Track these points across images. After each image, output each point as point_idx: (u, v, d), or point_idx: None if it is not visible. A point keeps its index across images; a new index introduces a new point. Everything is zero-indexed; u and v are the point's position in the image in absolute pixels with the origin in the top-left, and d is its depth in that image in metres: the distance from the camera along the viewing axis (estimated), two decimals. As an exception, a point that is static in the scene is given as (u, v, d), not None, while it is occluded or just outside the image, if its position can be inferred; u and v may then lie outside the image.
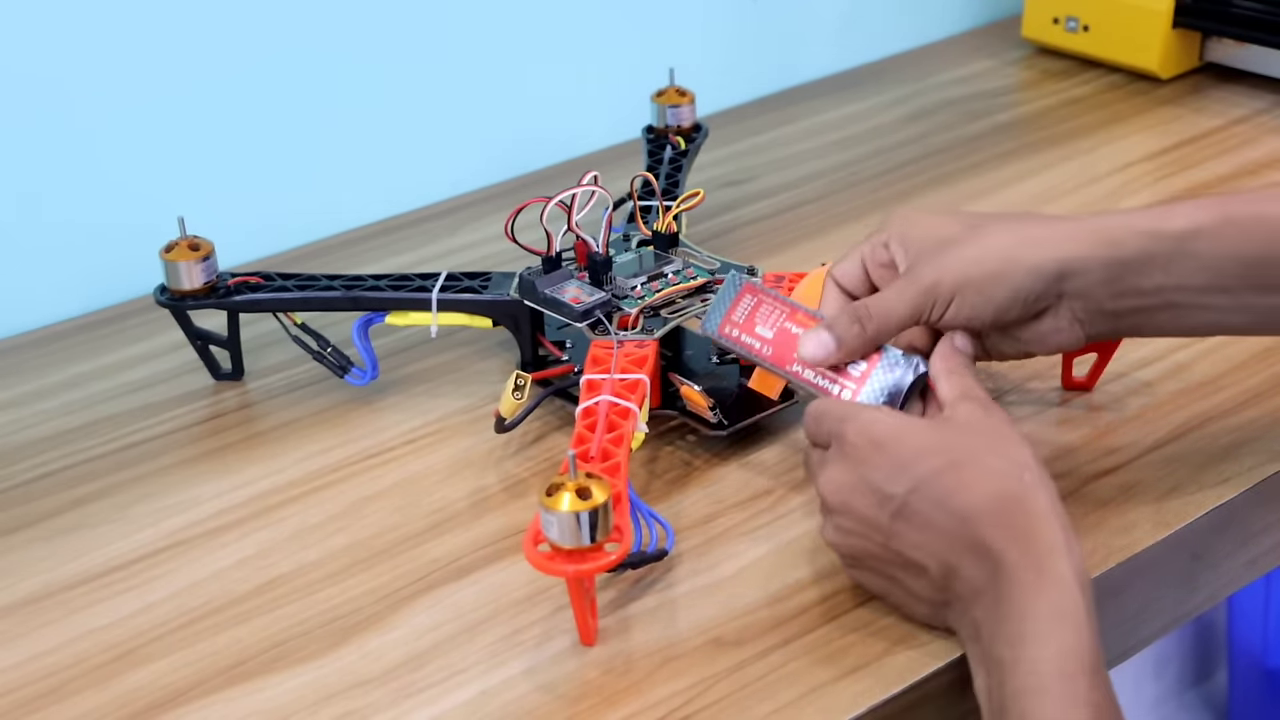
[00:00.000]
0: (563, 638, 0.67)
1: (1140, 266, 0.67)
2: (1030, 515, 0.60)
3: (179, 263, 0.84)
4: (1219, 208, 0.67)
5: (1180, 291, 0.68)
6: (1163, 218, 0.68)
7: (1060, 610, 0.58)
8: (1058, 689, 0.56)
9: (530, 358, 0.85)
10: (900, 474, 0.62)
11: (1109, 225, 0.68)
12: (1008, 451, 0.63)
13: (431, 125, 1.12)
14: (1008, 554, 0.60)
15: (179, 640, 0.69)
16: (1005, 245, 0.68)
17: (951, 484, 0.62)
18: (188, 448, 0.84)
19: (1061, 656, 0.57)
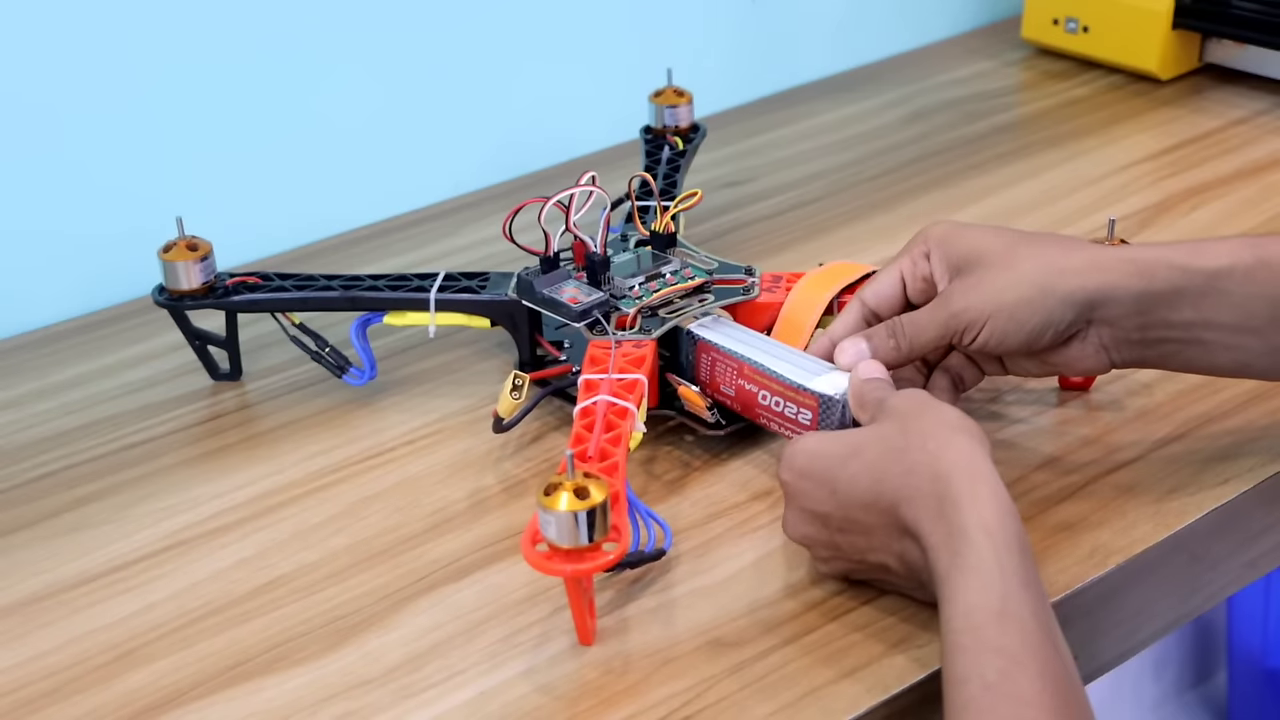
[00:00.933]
0: (562, 638, 0.67)
1: (1171, 300, 0.68)
2: (936, 480, 0.61)
3: (177, 263, 0.84)
4: (1254, 248, 0.68)
5: (1209, 328, 0.69)
6: (1197, 254, 0.68)
7: (964, 565, 0.59)
8: (966, 641, 0.57)
9: (528, 358, 0.85)
10: (824, 494, 0.66)
11: (1142, 257, 0.69)
12: (913, 426, 0.64)
13: (429, 126, 1.12)
14: (923, 527, 0.61)
15: (179, 640, 0.69)
16: (1038, 272, 0.69)
17: (866, 484, 0.64)
18: (187, 448, 0.84)
19: (967, 610, 0.58)
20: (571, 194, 0.81)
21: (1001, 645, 0.57)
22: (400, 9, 1.08)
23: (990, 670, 0.56)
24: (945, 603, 0.59)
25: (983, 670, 0.56)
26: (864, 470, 0.64)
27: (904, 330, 0.73)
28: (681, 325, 0.79)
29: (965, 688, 0.56)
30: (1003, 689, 0.56)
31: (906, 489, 0.62)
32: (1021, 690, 0.55)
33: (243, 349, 0.89)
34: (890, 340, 0.73)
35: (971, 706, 0.56)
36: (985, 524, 0.60)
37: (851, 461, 0.65)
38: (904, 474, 0.63)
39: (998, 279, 0.70)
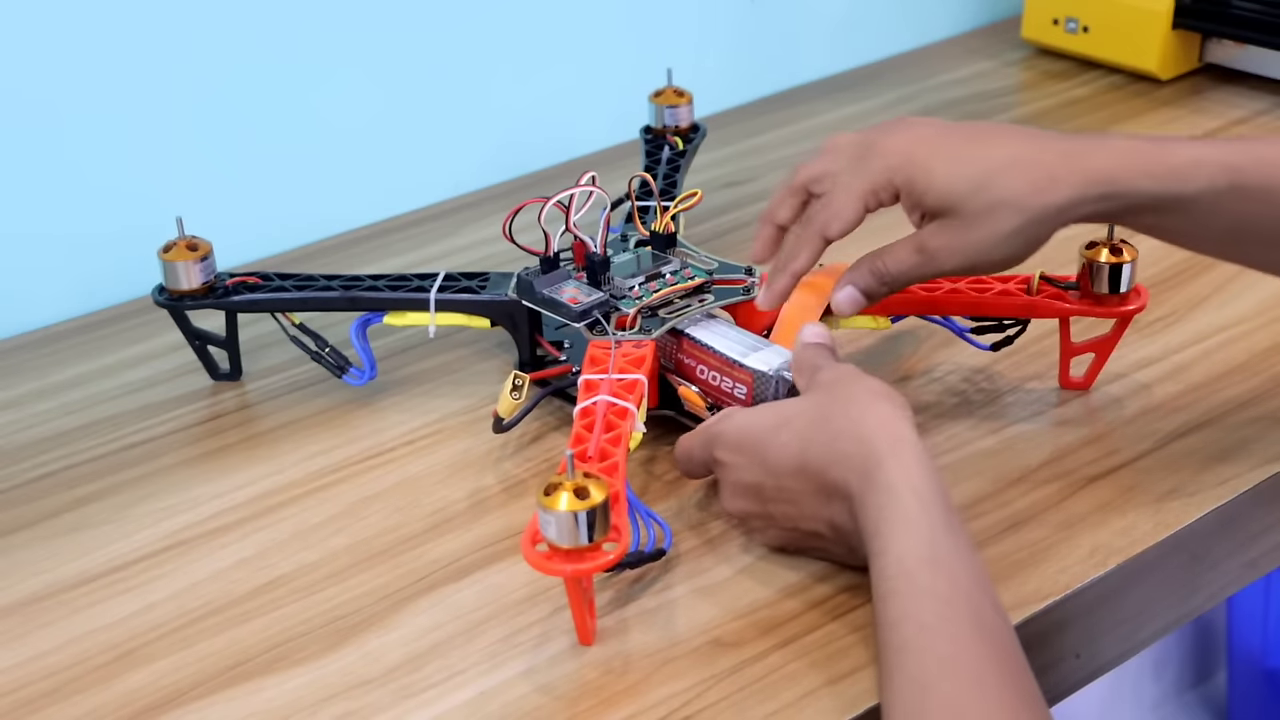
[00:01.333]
0: (562, 638, 0.67)
1: (1138, 212, 0.70)
2: (860, 441, 0.64)
3: (177, 263, 0.84)
4: (1231, 174, 0.69)
5: (1168, 232, 0.72)
6: (1173, 174, 0.69)
7: (892, 517, 0.61)
8: (900, 586, 0.59)
9: (528, 358, 0.85)
10: (755, 465, 0.68)
11: (1114, 175, 0.69)
12: (837, 394, 0.67)
13: (429, 126, 1.12)
14: (851, 487, 0.64)
15: (179, 640, 0.69)
16: (1019, 223, 0.69)
17: (794, 450, 0.66)
18: (187, 448, 0.84)
19: (899, 558, 0.60)
20: (571, 194, 0.81)
21: (934, 589, 0.59)
22: (401, 10, 1.08)
23: (926, 612, 0.58)
24: (876, 555, 0.61)
25: (918, 612, 0.58)
26: (793, 439, 0.67)
27: (891, 274, 0.74)
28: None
29: (900, 629, 0.58)
30: (938, 630, 0.57)
31: (833, 453, 0.65)
32: (956, 631, 0.57)
33: (243, 349, 0.89)
34: (881, 285, 0.74)
35: (908, 647, 0.57)
36: (909, 480, 0.62)
37: (781, 431, 0.67)
38: (830, 440, 0.65)
39: (982, 240, 0.70)
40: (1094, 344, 0.82)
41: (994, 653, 0.57)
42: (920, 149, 0.71)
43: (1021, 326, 0.82)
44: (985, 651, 0.57)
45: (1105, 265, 0.79)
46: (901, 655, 0.57)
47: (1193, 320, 0.89)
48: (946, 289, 0.81)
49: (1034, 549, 0.71)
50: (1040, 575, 0.69)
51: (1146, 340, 0.87)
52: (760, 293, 0.78)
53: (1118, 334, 0.81)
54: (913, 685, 0.56)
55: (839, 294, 0.75)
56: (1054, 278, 0.81)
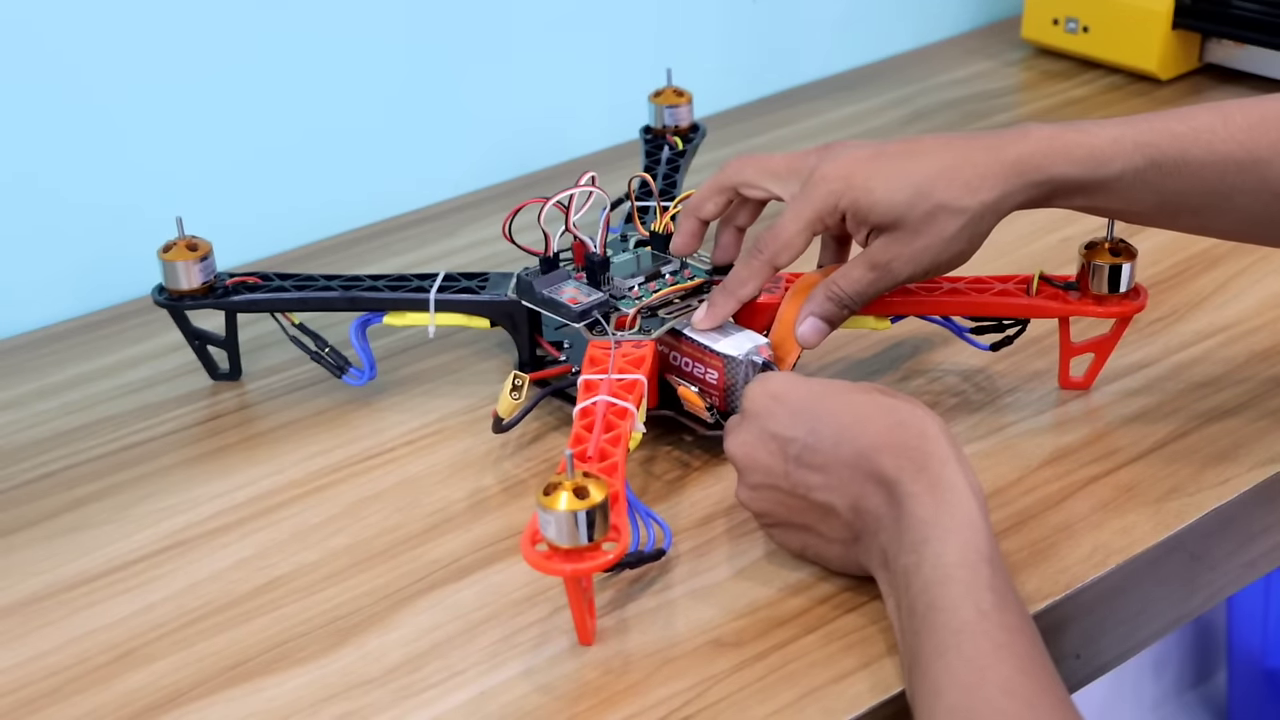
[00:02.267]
0: (561, 638, 0.67)
1: (1066, 195, 0.75)
2: (923, 438, 0.65)
3: (177, 263, 0.84)
4: (1144, 151, 0.73)
5: (1098, 210, 0.76)
6: (1091, 160, 0.73)
7: (955, 513, 0.62)
8: (961, 575, 0.60)
9: (528, 358, 0.85)
10: (796, 419, 0.67)
11: (1041, 163, 0.73)
12: (897, 394, 0.68)
13: (429, 126, 1.12)
14: (903, 476, 0.64)
15: (179, 641, 0.69)
16: (962, 228, 0.74)
17: (846, 422, 0.66)
18: (187, 448, 0.84)
19: (962, 549, 0.61)
20: (571, 194, 0.81)
21: (994, 585, 0.60)
22: (401, 10, 1.08)
23: (985, 602, 0.59)
24: (933, 541, 0.62)
25: (978, 601, 0.59)
26: (848, 409, 0.67)
27: (849, 296, 0.77)
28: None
29: (958, 614, 0.59)
30: (996, 617, 0.59)
31: (892, 439, 0.65)
32: (1011, 621, 0.59)
33: (242, 349, 0.89)
34: (842, 310, 0.77)
35: (965, 630, 0.59)
36: (970, 483, 0.63)
37: (832, 398, 0.68)
38: (893, 425, 0.65)
39: (930, 245, 0.74)
40: (1094, 344, 0.82)
41: (1039, 648, 0.60)
42: (858, 171, 0.75)
43: (1021, 327, 0.82)
44: (1034, 643, 0.59)
45: (1105, 265, 0.79)
46: (959, 637, 0.58)
47: (1192, 320, 0.89)
48: (946, 289, 0.81)
49: (1034, 549, 0.71)
50: (1040, 575, 0.69)
51: (1146, 340, 0.87)
52: (701, 311, 0.78)
53: (1117, 334, 0.81)
54: (969, 666, 0.58)
55: (801, 327, 0.77)
56: (1054, 278, 0.81)
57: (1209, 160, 0.72)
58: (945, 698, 0.57)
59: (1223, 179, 0.72)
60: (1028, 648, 0.59)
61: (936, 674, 0.58)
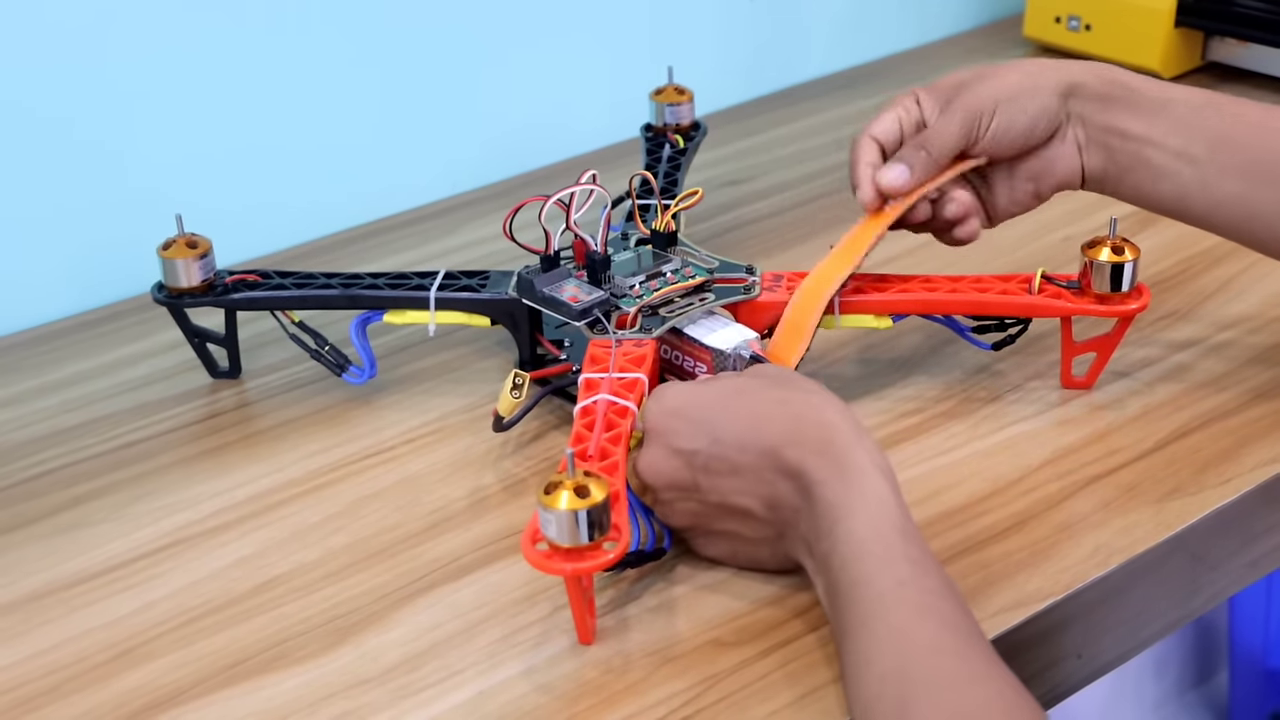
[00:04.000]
0: (561, 637, 0.67)
1: (1127, 106, 0.78)
2: (824, 426, 0.66)
3: (176, 260, 0.84)
4: (1207, 94, 0.78)
5: (1154, 147, 0.77)
6: (1152, 82, 0.79)
7: (864, 491, 0.63)
8: (876, 549, 0.61)
9: (528, 357, 0.85)
10: (697, 430, 0.68)
11: (1105, 70, 0.79)
12: (793, 380, 0.69)
13: (430, 124, 1.12)
14: (808, 465, 0.65)
15: (178, 640, 0.69)
16: (1025, 73, 0.79)
17: (746, 424, 0.67)
18: (186, 446, 0.84)
19: (873, 524, 0.62)
20: (572, 192, 0.81)
21: (909, 554, 0.61)
22: (401, 6, 1.08)
23: (902, 570, 0.60)
24: (841, 521, 0.62)
25: (895, 570, 0.60)
26: (744, 411, 0.67)
27: (929, 140, 0.79)
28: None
29: (876, 584, 0.60)
30: (915, 584, 0.60)
31: (792, 433, 0.66)
32: (931, 584, 0.60)
33: (242, 347, 0.89)
34: (920, 152, 0.79)
35: (886, 597, 0.60)
36: (875, 462, 0.64)
37: (730, 401, 0.68)
38: (790, 419, 0.66)
39: (992, 81, 0.79)
40: (1096, 343, 0.82)
41: (962, 608, 0.61)
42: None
43: (1023, 326, 0.82)
44: (956, 603, 0.60)
45: (1107, 264, 0.79)
46: (881, 605, 0.59)
47: (1195, 319, 0.89)
48: (948, 288, 0.81)
49: (1035, 548, 0.71)
50: (1042, 575, 0.69)
51: (1148, 339, 0.87)
52: (890, 168, 0.80)
53: (1120, 333, 0.81)
54: (894, 632, 0.59)
55: (889, 171, 0.79)
56: (1055, 277, 0.81)
57: (1266, 124, 0.75)
58: (875, 665, 0.58)
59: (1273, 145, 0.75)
60: (951, 608, 0.60)
61: (863, 644, 0.59)
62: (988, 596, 0.68)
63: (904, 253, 0.95)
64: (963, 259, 0.90)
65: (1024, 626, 0.67)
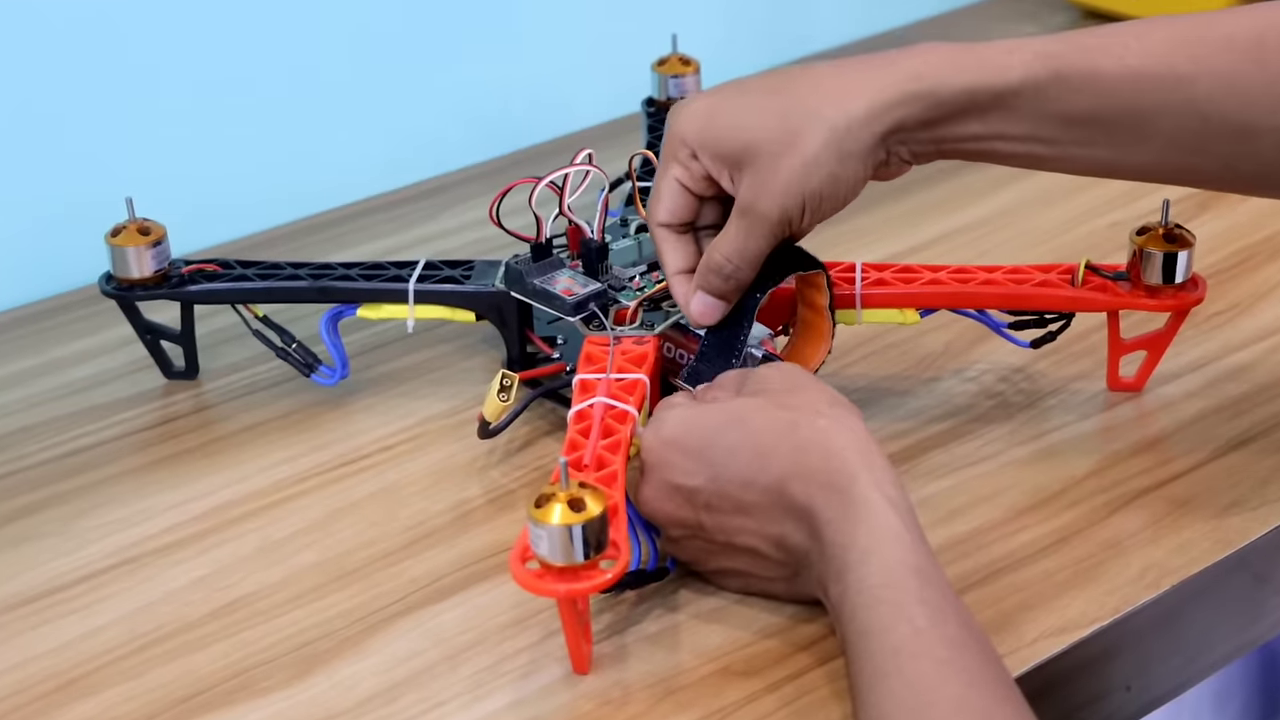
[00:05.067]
0: (554, 666, 0.67)
1: (958, 118, 0.72)
2: (827, 457, 0.65)
3: (127, 248, 0.84)
4: (1048, 61, 0.71)
5: (999, 139, 0.73)
6: (986, 69, 0.71)
7: (872, 529, 0.63)
8: (888, 594, 0.61)
9: (518, 355, 0.85)
10: (697, 465, 0.68)
11: (927, 75, 0.72)
12: (795, 401, 0.68)
13: (408, 96, 1.12)
14: (815, 504, 0.64)
15: (128, 669, 0.69)
16: (829, 144, 0.71)
17: (747, 458, 0.67)
18: (138, 454, 0.84)
19: (885, 567, 0.62)
20: (566, 174, 0.81)
21: (925, 598, 0.61)
22: (376, -33, 1.08)
23: (919, 618, 0.60)
24: (855, 566, 0.62)
25: (911, 618, 0.60)
26: (745, 443, 0.67)
27: (731, 262, 0.74)
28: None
29: (891, 635, 0.60)
30: (933, 632, 0.60)
31: (798, 465, 0.65)
32: (952, 633, 0.60)
33: (200, 344, 0.89)
34: (727, 281, 0.75)
35: (903, 650, 0.59)
36: (887, 495, 0.64)
37: (730, 432, 0.67)
38: (794, 450, 0.66)
39: (792, 168, 0.72)
40: (1146, 340, 0.82)
41: (988, 657, 0.60)
42: (705, 103, 0.75)
43: (1065, 321, 0.82)
44: (981, 652, 0.60)
45: (1159, 253, 0.79)
46: (898, 659, 0.59)
47: (1256, 314, 0.89)
48: (982, 279, 0.81)
49: (1079, 568, 0.71)
50: (1086, 598, 0.69)
51: (1205, 336, 0.87)
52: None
53: (1173, 329, 0.81)
54: (910, 688, 0.58)
55: (691, 305, 0.76)
56: (1101, 267, 0.81)
57: (1122, 74, 0.70)
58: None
59: (1140, 96, 0.70)
60: (974, 660, 0.59)
61: (879, 701, 0.59)
62: (1026, 622, 0.68)
63: (932, 240, 0.95)
64: (999, 247, 0.90)
65: (1066, 655, 0.67)
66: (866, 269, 0.82)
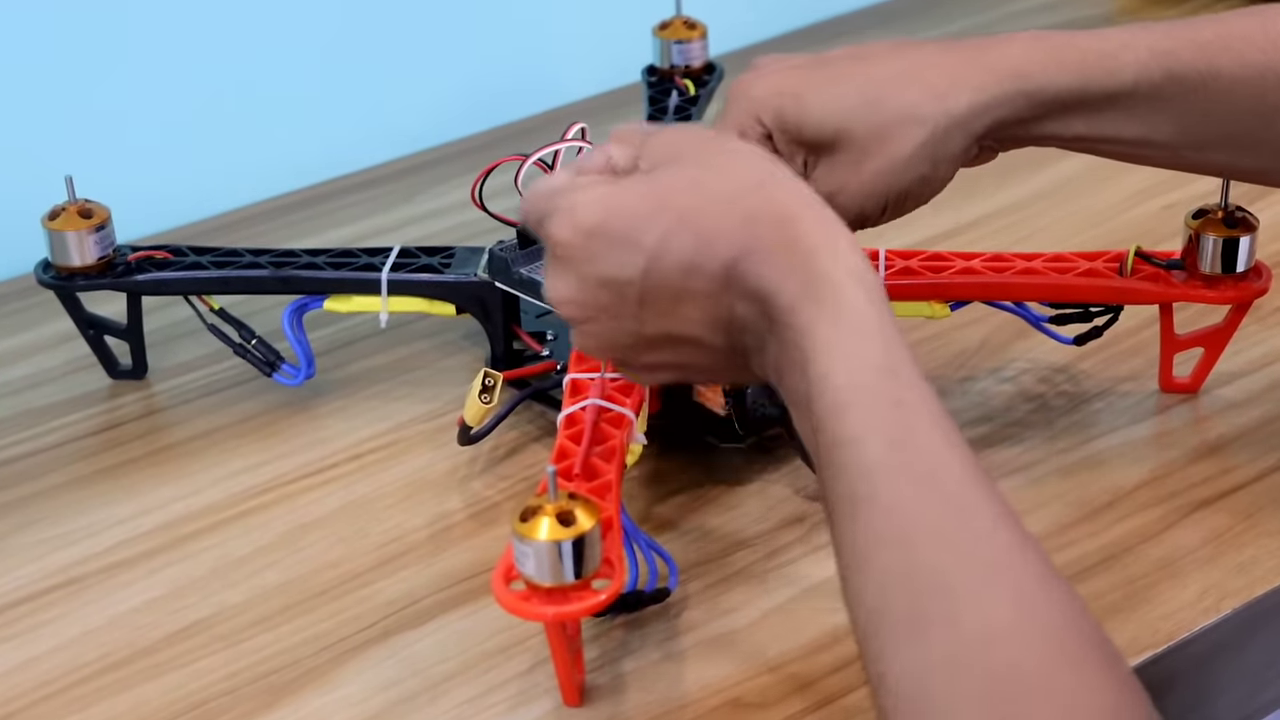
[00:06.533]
0: (543, 698, 0.68)
1: (1063, 116, 0.73)
2: (781, 225, 0.62)
3: (67, 233, 0.84)
4: (1164, 60, 0.72)
5: (1106, 141, 0.74)
6: (1097, 65, 0.72)
7: (837, 315, 0.60)
8: (858, 398, 0.58)
9: (502, 352, 0.85)
10: (628, 255, 0.64)
11: (1031, 73, 0.72)
12: (732, 169, 0.65)
13: (383, 67, 1.13)
14: (770, 285, 0.62)
15: (70, 701, 0.69)
16: (924, 145, 0.72)
17: (686, 241, 0.63)
18: (80, 463, 0.84)
19: (850, 368, 0.59)
20: (556, 150, 0.82)
21: (900, 398, 0.58)
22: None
23: (894, 426, 0.57)
24: (815, 357, 0.60)
25: (885, 426, 0.57)
26: (681, 225, 0.64)
27: None
28: None
29: (863, 447, 0.57)
30: (914, 444, 0.57)
31: (748, 241, 0.62)
32: (935, 445, 0.57)
33: (149, 341, 0.89)
34: None
35: (879, 468, 0.57)
36: (852, 269, 0.61)
37: (661, 216, 0.64)
38: (744, 223, 0.63)
39: (881, 169, 0.73)
40: (1203, 336, 0.82)
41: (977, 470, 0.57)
42: (790, 78, 0.74)
43: (1113, 315, 0.83)
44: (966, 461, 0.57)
45: (1218, 239, 0.79)
46: (868, 480, 0.57)
47: (1327, 307, 0.90)
48: (1020, 268, 0.81)
49: (1130, 589, 0.71)
50: (1138, 622, 0.70)
51: (1269, 332, 0.87)
52: None
53: (1233, 324, 0.81)
54: (890, 518, 0.56)
55: None
56: (1153, 254, 0.81)
57: (1243, 74, 0.71)
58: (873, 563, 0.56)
59: (1262, 99, 0.71)
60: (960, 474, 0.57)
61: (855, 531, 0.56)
62: (1069, 648, 0.68)
63: (964, 224, 0.96)
64: (1039, 233, 0.91)
65: (1114, 685, 0.67)
66: (891, 256, 0.83)
